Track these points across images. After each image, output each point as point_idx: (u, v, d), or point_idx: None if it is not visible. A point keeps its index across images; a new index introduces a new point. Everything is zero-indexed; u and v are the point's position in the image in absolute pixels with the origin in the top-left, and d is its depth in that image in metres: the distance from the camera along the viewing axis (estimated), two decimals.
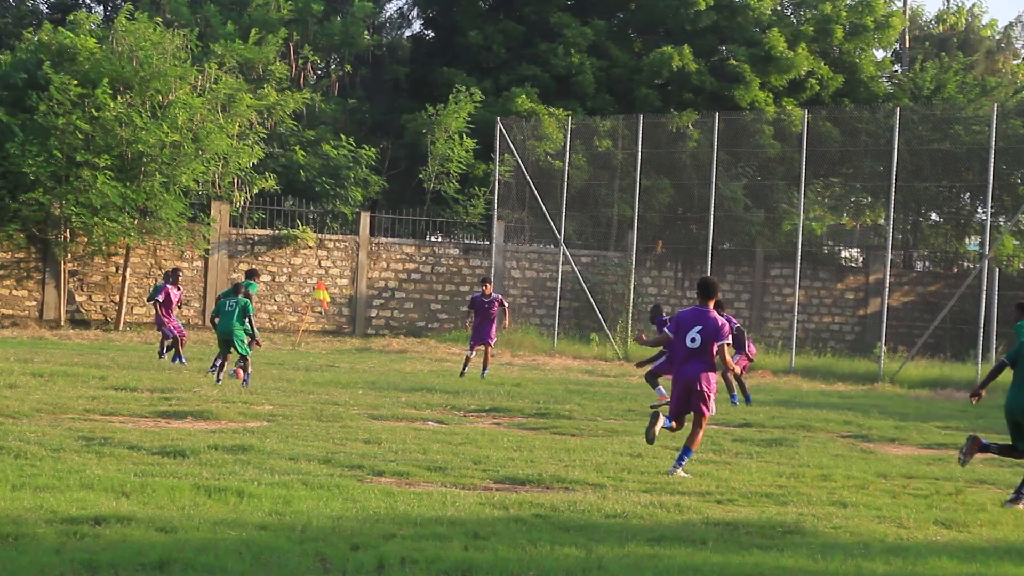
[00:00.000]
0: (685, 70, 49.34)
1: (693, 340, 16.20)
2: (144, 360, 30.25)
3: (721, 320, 16.40)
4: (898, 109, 38.94)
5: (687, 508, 13.70)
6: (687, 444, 16.36)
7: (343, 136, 46.98)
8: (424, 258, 45.86)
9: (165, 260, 42.00)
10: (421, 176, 47.49)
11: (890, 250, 39.96)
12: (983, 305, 34.57)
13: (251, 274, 28.45)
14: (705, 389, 16.26)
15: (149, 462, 15.08)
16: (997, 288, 34.41)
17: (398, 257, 45.48)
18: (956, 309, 38.30)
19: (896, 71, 59.28)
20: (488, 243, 46.11)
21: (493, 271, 44.81)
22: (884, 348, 36.84)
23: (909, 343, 40.30)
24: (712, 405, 16.43)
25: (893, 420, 24.85)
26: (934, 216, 50.89)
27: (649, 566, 10.75)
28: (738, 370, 19.50)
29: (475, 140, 47.22)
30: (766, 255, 47.39)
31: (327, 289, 41.48)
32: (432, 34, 55.38)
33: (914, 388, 34.09)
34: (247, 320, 25.71)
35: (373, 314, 44.77)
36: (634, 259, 43.30)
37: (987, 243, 37.32)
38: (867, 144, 45.01)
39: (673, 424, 16.54)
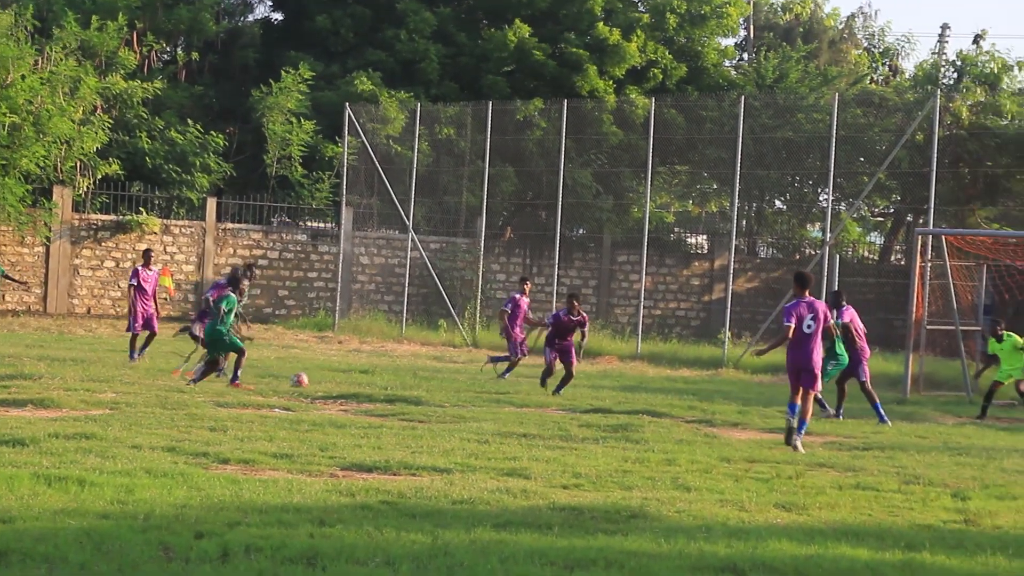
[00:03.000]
0: (528, 56, 49.42)
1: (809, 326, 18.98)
2: None
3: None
4: (742, 97, 39.46)
5: (533, 493, 13.76)
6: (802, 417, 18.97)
7: (190, 122, 46.46)
8: (272, 244, 45.54)
9: (5, 246, 41.20)
10: (265, 159, 47.13)
11: (734, 236, 40.49)
12: (824, 291, 35.12)
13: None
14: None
15: None
16: (838, 274, 34.97)
17: (245, 243, 45.11)
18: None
19: (741, 60, 60.02)
20: (336, 229, 45.89)
21: (341, 257, 44.64)
22: (728, 334, 37.33)
23: (753, 328, 40.84)
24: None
25: (736, 405, 25.18)
26: (777, 203, 51.63)
27: (495, 551, 10.79)
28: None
29: (316, 123, 46.96)
30: (614, 242, 47.72)
31: (172, 275, 40.98)
32: (280, 18, 54.99)
33: (757, 373, 34.56)
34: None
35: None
36: (482, 246, 43.40)
37: (828, 229, 37.96)
38: (712, 132, 45.52)
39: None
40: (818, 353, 19.13)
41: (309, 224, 47.80)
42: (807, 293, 19.32)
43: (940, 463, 17.84)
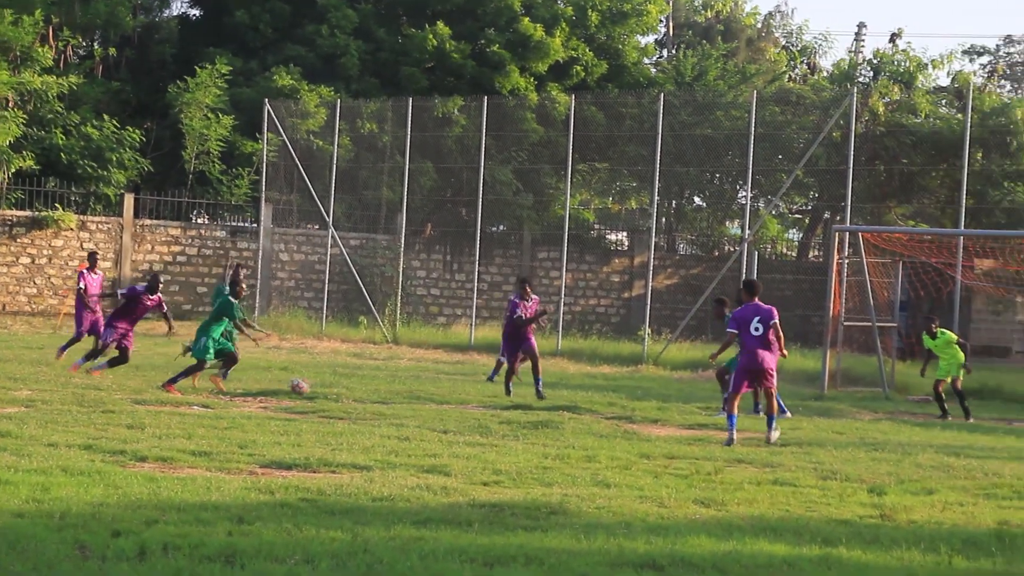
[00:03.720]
0: (446, 54, 49.39)
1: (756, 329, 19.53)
2: None
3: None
4: (661, 95, 39.63)
5: (454, 490, 13.75)
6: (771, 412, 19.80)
7: (106, 117, 46.05)
8: (190, 240, 45.24)
9: None
10: (184, 155, 46.82)
11: (654, 233, 40.68)
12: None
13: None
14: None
15: None
16: (756, 271, 35.19)
17: (163, 239, 44.79)
18: (718, 291, 39.05)
19: (661, 58, 60.26)
20: (256, 225, 45.66)
21: (261, 254, 44.43)
22: (648, 330, 37.48)
23: (672, 325, 41.02)
24: None
25: (656, 401, 25.28)
26: (697, 200, 51.90)
27: (415, 549, 10.77)
28: None
29: (235, 119, 46.71)
30: (534, 238, 47.78)
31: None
32: (198, 14, 54.62)
33: (677, 369, 34.74)
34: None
35: None
36: (403, 242, 43.33)
37: (747, 226, 38.21)
38: (632, 129, 45.69)
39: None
40: (770, 354, 19.60)
41: (229, 222, 47.50)
42: (756, 299, 19.84)
43: (857, 459, 17.99)
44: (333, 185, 43.08)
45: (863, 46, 68.91)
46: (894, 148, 42.76)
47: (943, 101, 45.35)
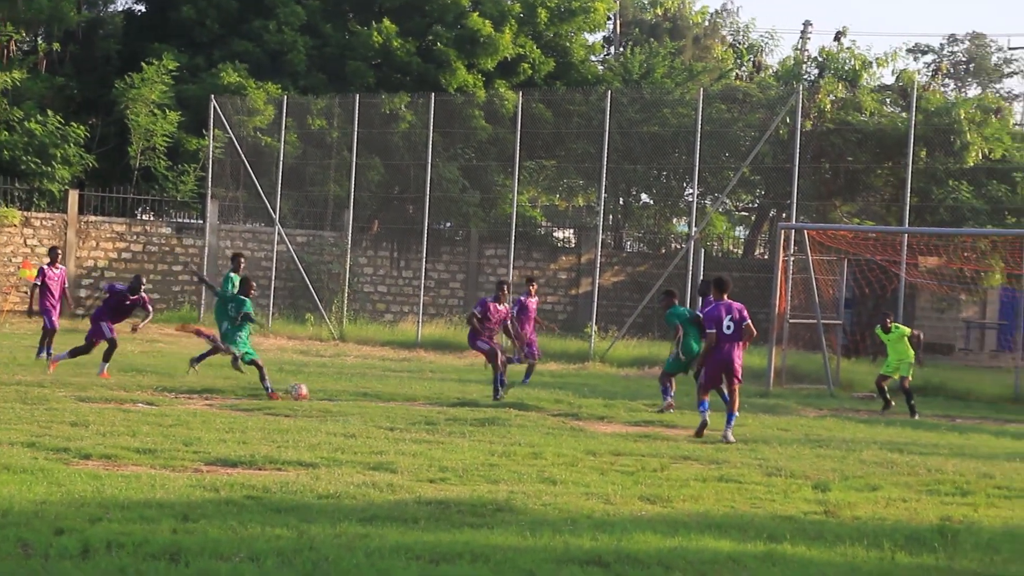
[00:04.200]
0: (392, 51, 49.27)
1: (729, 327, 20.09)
2: None
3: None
4: (609, 92, 39.69)
5: (400, 487, 13.74)
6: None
7: (50, 113, 45.73)
8: (135, 237, 44.97)
9: None
10: (129, 151, 46.56)
11: (601, 231, 40.73)
12: (690, 285, 35.47)
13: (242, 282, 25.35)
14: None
15: None
16: (703, 268, 35.31)
17: (108, 236, 44.52)
18: (664, 288, 39.13)
19: (608, 55, 60.35)
20: (202, 222, 45.45)
21: (207, 251, 44.24)
22: (595, 327, 37.54)
23: (619, 322, 41.10)
24: None
25: (602, 398, 25.33)
26: (644, 197, 52.01)
27: (360, 546, 10.76)
28: None
29: (181, 115, 46.48)
30: (481, 236, 47.76)
31: (33, 268, 40.34)
32: (144, 9, 54.30)
33: (623, 367, 34.81)
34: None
35: (83, 294, 43.70)
36: (350, 239, 43.23)
37: (693, 224, 38.33)
38: (580, 126, 45.73)
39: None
40: (739, 352, 20.31)
41: (175, 218, 47.24)
42: (725, 296, 20.42)
43: (801, 455, 18.09)
44: (280, 182, 42.94)
45: (808, 44, 69.30)
46: (840, 146, 42.95)
47: (888, 100, 45.59)
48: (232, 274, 28.48)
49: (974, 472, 16.92)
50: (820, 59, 50.35)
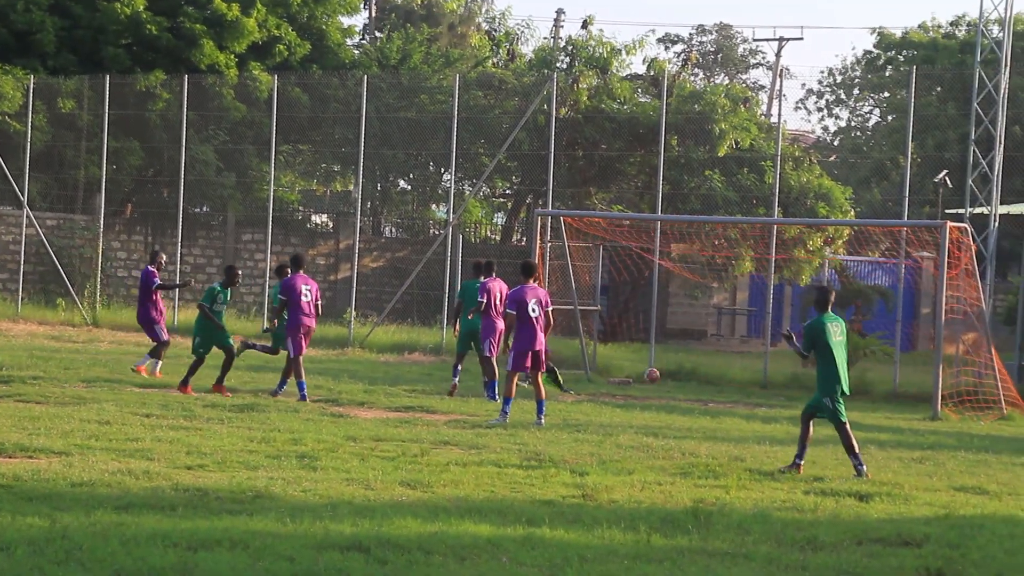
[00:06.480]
0: (142, 25, 48.11)
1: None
2: None
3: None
4: (365, 77, 39.62)
5: (156, 475, 13.57)
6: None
7: None
8: None
9: None
10: None
11: (359, 216, 40.65)
12: (448, 271, 35.65)
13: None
14: None
15: None
16: (461, 254, 35.52)
17: None
18: (423, 275, 39.28)
19: (365, 40, 60.17)
20: None
21: None
22: (354, 313, 37.48)
23: (379, 308, 41.06)
24: None
25: (363, 384, 25.36)
26: (402, 183, 52.02)
27: (116, 534, 10.59)
28: None
29: None
30: (238, 220, 47.24)
31: None
32: None
33: (383, 352, 34.83)
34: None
35: None
36: (102, 222, 42.38)
37: (451, 210, 38.50)
38: (337, 111, 45.51)
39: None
40: (541, 336, 20.41)
41: None
42: (531, 281, 20.60)
43: (560, 440, 18.34)
44: (28, 164, 41.87)
45: (562, 32, 70.13)
46: (594, 134, 43.47)
47: (640, 89, 46.31)
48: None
49: (726, 455, 17.35)
50: (569, 47, 50.86)
